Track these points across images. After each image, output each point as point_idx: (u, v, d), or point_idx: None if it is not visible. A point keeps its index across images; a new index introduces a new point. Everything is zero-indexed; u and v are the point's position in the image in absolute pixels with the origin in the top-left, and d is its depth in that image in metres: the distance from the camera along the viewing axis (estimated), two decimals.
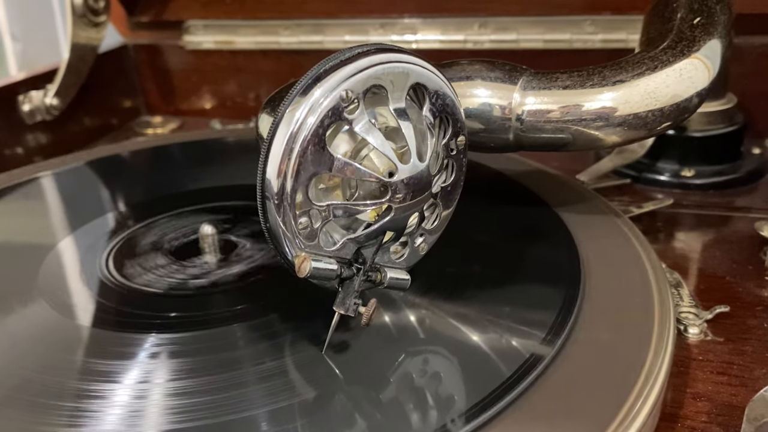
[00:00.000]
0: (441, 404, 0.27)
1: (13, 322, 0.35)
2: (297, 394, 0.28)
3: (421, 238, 0.33)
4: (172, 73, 0.78)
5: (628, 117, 0.36)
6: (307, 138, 0.27)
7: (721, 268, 0.42)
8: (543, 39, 0.64)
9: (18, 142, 0.65)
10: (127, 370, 0.30)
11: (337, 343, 0.31)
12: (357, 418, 0.27)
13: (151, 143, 0.63)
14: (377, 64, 0.28)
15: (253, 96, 0.76)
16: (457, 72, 0.38)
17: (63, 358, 0.31)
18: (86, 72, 0.69)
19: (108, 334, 0.33)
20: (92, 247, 0.42)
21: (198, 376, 0.29)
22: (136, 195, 0.50)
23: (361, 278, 0.30)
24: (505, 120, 0.37)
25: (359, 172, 0.29)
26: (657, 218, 0.48)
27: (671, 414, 0.31)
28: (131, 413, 0.28)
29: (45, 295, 0.36)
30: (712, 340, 0.36)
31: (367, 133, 0.29)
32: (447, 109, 0.31)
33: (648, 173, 0.54)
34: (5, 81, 0.64)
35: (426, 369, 0.30)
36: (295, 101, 0.28)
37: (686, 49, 0.37)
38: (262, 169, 0.28)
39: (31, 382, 0.30)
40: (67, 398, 0.28)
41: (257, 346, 0.31)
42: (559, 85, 0.37)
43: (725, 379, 0.33)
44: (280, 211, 0.28)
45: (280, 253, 0.29)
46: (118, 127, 0.76)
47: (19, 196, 0.50)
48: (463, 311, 0.33)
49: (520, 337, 0.31)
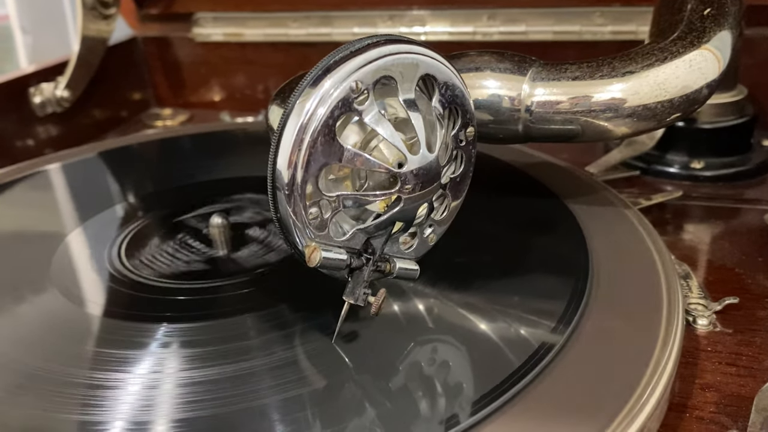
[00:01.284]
0: (450, 393, 0.28)
1: (26, 312, 0.35)
2: (307, 384, 0.28)
3: (430, 229, 0.33)
4: (181, 66, 0.78)
5: (637, 108, 0.36)
6: (317, 129, 0.28)
7: (730, 260, 0.42)
8: (552, 31, 0.64)
9: (29, 134, 0.65)
10: (138, 360, 0.31)
11: (346, 333, 0.31)
12: (367, 406, 0.27)
13: (160, 135, 0.63)
14: (387, 55, 0.29)
15: (261, 88, 0.76)
16: (467, 63, 0.38)
17: (75, 347, 0.32)
18: (96, 64, 0.69)
19: (119, 324, 0.33)
20: (103, 238, 0.42)
21: (209, 366, 0.30)
22: (146, 186, 0.50)
23: (370, 268, 0.30)
24: (515, 111, 0.37)
25: (369, 163, 0.29)
26: (666, 210, 0.48)
27: (679, 404, 0.31)
28: (142, 402, 0.28)
29: (57, 284, 0.37)
30: (720, 331, 0.36)
31: (376, 124, 0.29)
32: (456, 100, 0.31)
33: (657, 165, 0.53)
34: (16, 74, 0.65)
35: (435, 358, 0.30)
36: (305, 92, 0.28)
37: (696, 40, 0.37)
38: (273, 160, 0.28)
39: (44, 370, 0.30)
40: (79, 387, 0.29)
41: (268, 336, 0.32)
42: (568, 76, 0.37)
43: (734, 370, 0.33)
44: (290, 201, 0.28)
45: (291, 243, 0.29)
46: (128, 119, 0.76)
47: (30, 188, 0.50)
48: (472, 301, 0.33)
49: (529, 327, 0.31)
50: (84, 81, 0.68)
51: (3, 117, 0.62)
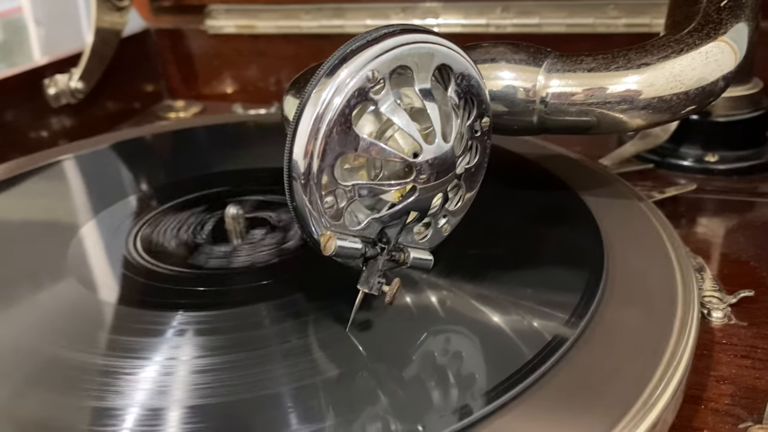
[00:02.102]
0: (463, 384, 0.28)
1: (45, 299, 0.35)
2: (321, 372, 0.28)
3: (444, 219, 0.33)
4: (194, 58, 0.79)
5: (652, 100, 0.36)
6: (333, 118, 0.28)
7: (745, 254, 0.42)
8: (566, 23, 0.64)
9: (43, 126, 0.65)
10: (154, 347, 0.31)
11: (361, 322, 0.31)
12: (380, 395, 0.27)
13: (174, 127, 0.63)
14: (403, 45, 0.29)
15: (274, 80, 0.76)
16: (482, 54, 0.38)
17: (93, 334, 0.32)
18: (110, 56, 0.70)
19: (136, 312, 0.34)
20: (118, 228, 0.42)
21: (224, 354, 0.30)
22: (159, 177, 0.51)
23: (384, 257, 0.30)
24: (530, 102, 0.37)
25: (384, 152, 0.29)
26: (680, 203, 0.48)
27: (695, 396, 0.31)
28: (158, 388, 0.28)
29: (74, 273, 0.37)
30: (735, 324, 0.36)
31: (392, 113, 0.29)
32: (472, 90, 0.31)
33: (671, 158, 0.53)
34: (31, 65, 0.65)
35: (448, 349, 0.30)
36: (321, 82, 0.28)
37: (713, 32, 0.37)
38: (289, 149, 0.28)
39: (62, 357, 0.30)
40: (96, 373, 0.29)
41: (282, 324, 0.32)
42: (583, 67, 0.37)
43: (749, 362, 0.33)
44: (306, 190, 0.28)
45: (306, 231, 0.30)
46: (141, 111, 0.76)
47: (45, 178, 0.50)
48: (486, 293, 0.33)
49: (543, 319, 0.31)
50: (98, 73, 0.68)
51: (18, 108, 0.63)
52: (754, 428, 0.29)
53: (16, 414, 0.27)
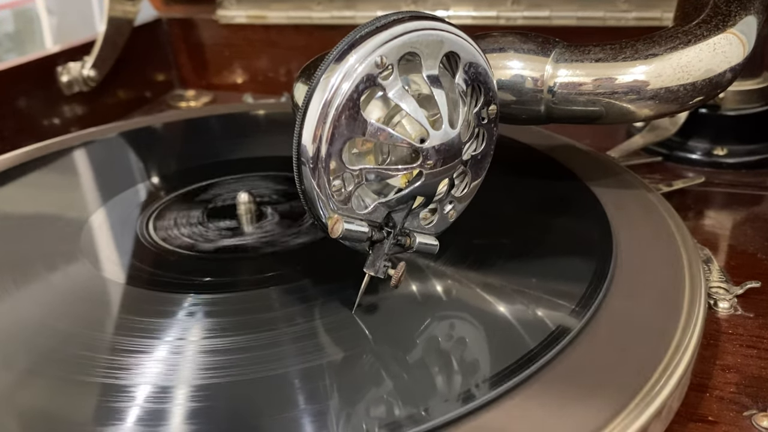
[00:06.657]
0: (465, 369, 0.28)
1: (58, 281, 0.36)
2: (327, 354, 0.29)
3: (450, 206, 0.33)
4: (205, 48, 0.79)
5: (660, 91, 0.36)
6: (341, 104, 0.28)
7: (752, 246, 0.42)
8: (576, 16, 0.64)
9: (55, 113, 0.66)
10: (165, 328, 0.31)
11: (366, 305, 0.31)
12: (384, 378, 0.27)
13: (185, 115, 0.64)
14: (412, 31, 0.29)
15: (284, 71, 0.77)
16: (490, 43, 0.38)
17: (105, 315, 0.33)
18: (122, 45, 0.70)
19: (148, 294, 0.34)
20: (130, 213, 0.43)
21: (232, 335, 0.30)
22: (171, 165, 0.51)
23: (391, 241, 0.30)
24: (537, 92, 0.37)
25: (392, 138, 0.29)
26: (688, 196, 0.48)
27: (700, 384, 0.31)
28: (167, 367, 0.29)
29: (87, 255, 0.38)
30: (742, 314, 0.36)
31: (400, 99, 0.29)
32: (479, 78, 0.31)
33: (679, 151, 0.53)
34: (44, 53, 0.66)
35: (452, 334, 0.30)
36: (330, 68, 0.28)
37: (721, 23, 0.37)
38: (298, 134, 0.29)
39: (75, 336, 0.31)
40: (108, 352, 0.30)
41: (290, 308, 0.32)
42: (591, 57, 0.37)
43: (755, 352, 0.33)
44: (315, 174, 0.28)
45: (315, 215, 0.30)
46: (152, 100, 0.77)
47: (57, 165, 0.51)
48: (492, 281, 0.34)
49: (549, 309, 0.31)
50: (110, 61, 0.69)
51: (31, 95, 0.63)
52: (758, 416, 0.29)
53: (30, 386, 0.28)
